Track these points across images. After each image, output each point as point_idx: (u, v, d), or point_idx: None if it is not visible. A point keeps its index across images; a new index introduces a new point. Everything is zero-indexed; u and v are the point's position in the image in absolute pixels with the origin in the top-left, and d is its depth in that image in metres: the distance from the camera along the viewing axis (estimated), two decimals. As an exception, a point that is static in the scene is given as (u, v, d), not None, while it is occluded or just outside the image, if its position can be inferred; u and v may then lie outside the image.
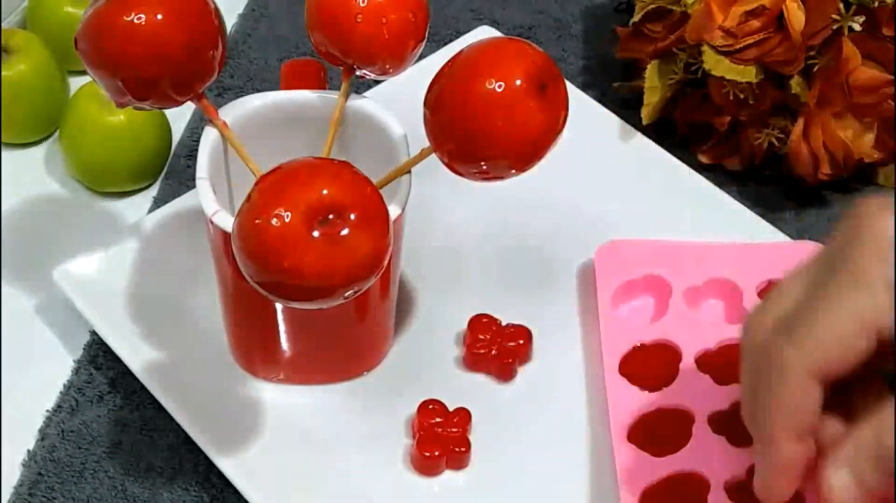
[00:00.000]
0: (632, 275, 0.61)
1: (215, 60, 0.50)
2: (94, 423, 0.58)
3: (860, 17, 0.63)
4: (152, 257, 0.62)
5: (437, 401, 0.57)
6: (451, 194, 0.64)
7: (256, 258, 0.43)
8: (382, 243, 0.44)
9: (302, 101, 0.55)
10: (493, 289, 0.63)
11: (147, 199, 0.69)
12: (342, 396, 0.58)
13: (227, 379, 0.58)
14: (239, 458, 0.55)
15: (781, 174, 0.69)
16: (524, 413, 0.58)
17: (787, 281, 0.46)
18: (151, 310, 0.60)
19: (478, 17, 0.79)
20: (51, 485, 0.56)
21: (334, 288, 0.43)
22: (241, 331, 0.58)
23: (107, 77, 0.49)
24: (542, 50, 0.48)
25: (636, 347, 0.58)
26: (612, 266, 0.61)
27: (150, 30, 0.48)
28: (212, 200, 0.50)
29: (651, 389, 0.57)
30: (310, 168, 0.44)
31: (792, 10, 0.63)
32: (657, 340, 0.59)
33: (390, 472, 0.56)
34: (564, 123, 0.49)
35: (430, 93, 0.49)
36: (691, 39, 0.66)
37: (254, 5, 0.80)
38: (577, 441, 0.57)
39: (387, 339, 0.60)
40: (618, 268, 0.61)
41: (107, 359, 0.60)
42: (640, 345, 0.58)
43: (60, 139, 0.68)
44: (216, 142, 0.53)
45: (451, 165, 0.49)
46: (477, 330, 0.60)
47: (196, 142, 0.64)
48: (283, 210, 0.42)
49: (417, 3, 0.52)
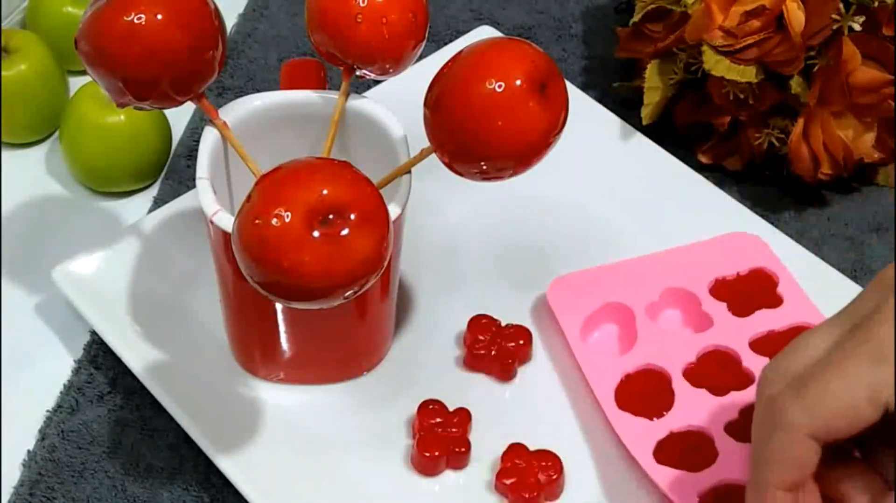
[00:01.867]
0: (592, 307, 0.60)
1: (215, 60, 0.50)
2: (94, 423, 0.58)
3: (860, 17, 0.63)
4: (152, 257, 0.62)
5: (437, 401, 0.57)
6: (451, 194, 0.64)
7: (256, 258, 0.43)
8: (382, 243, 0.44)
9: (302, 101, 0.55)
10: (493, 290, 0.63)
11: (147, 199, 0.69)
12: (342, 396, 0.58)
13: (227, 379, 0.58)
14: (239, 458, 0.55)
15: (781, 174, 0.69)
16: (524, 413, 0.58)
17: (809, 335, 0.46)
18: (151, 310, 0.60)
19: (478, 17, 0.79)
20: (51, 485, 0.56)
21: (334, 288, 0.43)
22: (241, 331, 0.58)
23: (107, 77, 0.49)
24: (542, 50, 0.48)
25: (623, 380, 0.58)
26: (568, 303, 0.60)
27: (150, 30, 0.48)
28: (212, 200, 0.50)
29: (655, 416, 0.56)
30: (310, 168, 0.44)
31: (792, 10, 0.63)
32: (641, 367, 0.58)
33: (390, 472, 0.56)
34: (564, 123, 0.49)
35: (430, 93, 0.49)
36: (691, 39, 0.66)
37: (254, 5, 0.80)
38: (576, 441, 0.57)
39: (387, 339, 0.60)
40: (575, 303, 0.60)
41: (107, 359, 0.60)
42: (626, 376, 0.58)
43: (60, 139, 0.68)
44: (216, 142, 0.53)
45: (451, 165, 0.49)
46: (477, 330, 0.60)
47: (196, 142, 0.64)
48: (283, 210, 0.42)
49: (417, 3, 0.52)
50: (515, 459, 0.55)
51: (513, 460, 0.55)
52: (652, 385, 0.57)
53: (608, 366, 0.58)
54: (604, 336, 0.60)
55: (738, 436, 0.55)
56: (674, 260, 0.62)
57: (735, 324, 0.59)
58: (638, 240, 0.64)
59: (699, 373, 0.58)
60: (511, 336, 0.60)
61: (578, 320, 0.60)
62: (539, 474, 0.55)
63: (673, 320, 0.61)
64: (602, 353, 0.59)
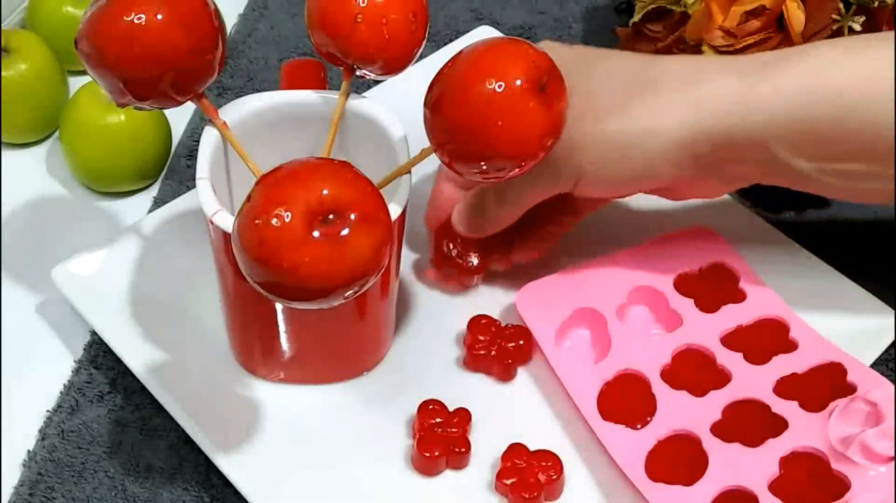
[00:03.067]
0: (562, 314, 0.60)
1: (215, 61, 0.50)
2: (94, 423, 0.58)
3: (860, 17, 0.63)
4: (152, 257, 0.62)
5: (437, 401, 0.57)
6: (451, 194, 0.64)
7: (256, 258, 0.43)
8: (382, 243, 0.44)
9: (302, 101, 0.55)
10: (493, 290, 0.63)
11: (147, 199, 0.69)
12: (342, 396, 0.58)
13: (227, 379, 0.58)
14: (239, 458, 0.55)
15: (781, 174, 0.69)
16: (524, 413, 0.58)
17: None
18: (151, 310, 0.60)
19: (478, 17, 0.79)
20: (51, 485, 0.56)
21: (334, 288, 0.43)
22: (241, 331, 0.58)
23: (107, 77, 0.49)
24: (542, 50, 0.48)
25: (603, 389, 0.57)
26: (539, 313, 0.60)
27: (150, 30, 0.48)
28: (212, 200, 0.50)
29: (639, 424, 0.56)
30: (310, 168, 0.44)
31: (792, 10, 0.63)
32: (619, 373, 0.58)
33: (390, 472, 0.56)
34: (564, 123, 0.49)
35: (430, 93, 0.49)
36: (691, 39, 0.66)
37: (254, 5, 0.80)
38: (576, 441, 0.57)
39: (387, 339, 0.60)
40: (545, 312, 0.60)
41: (107, 359, 0.60)
42: (605, 385, 0.57)
43: (60, 139, 0.68)
44: (216, 142, 0.53)
45: (451, 165, 0.49)
46: (476, 331, 0.60)
47: (196, 142, 0.64)
48: (283, 210, 0.42)
49: (417, 3, 0.52)
50: (515, 459, 0.55)
51: (513, 460, 0.55)
52: (632, 391, 0.57)
53: (586, 375, 0.58)
54: (577, 342, 0.60)
55: (725, 437, 0.55)
56: (637, 258, 0.62)
57: (704, 321, 0.59)
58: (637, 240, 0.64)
59: (676, 374, 0.58)
60: (511, 336, 0.60)
61: (551, 330, 0.59)
62: (539, 474, 0.55)
63: (643, 318, 0.61)
64: (578, 362, 0.59)
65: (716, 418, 0.56)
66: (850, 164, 0.52)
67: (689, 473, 0.54)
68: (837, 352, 0.57)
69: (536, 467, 0.55)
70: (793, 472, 0.53)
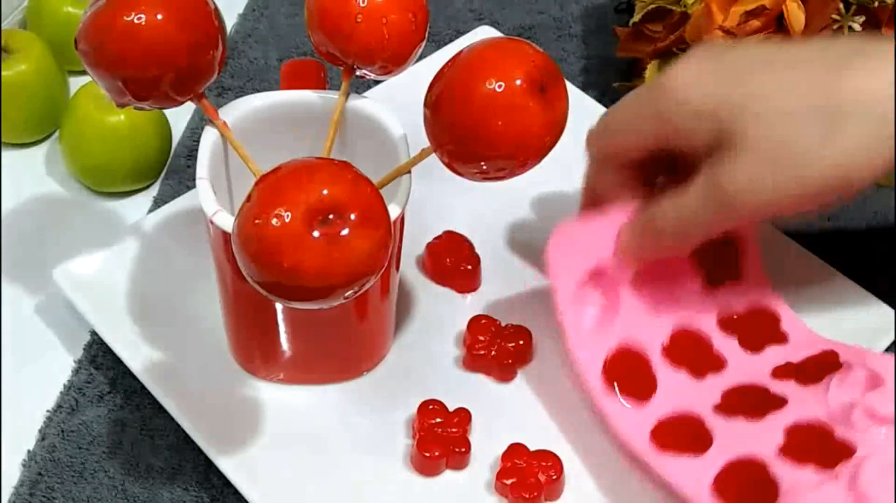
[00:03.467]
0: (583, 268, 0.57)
1: (215, 60, 0.50)
2: (94, 423, 0.58)
3: (860, 17, 0.63)
4: (152, 257, 0.62)
5: (437, 401, 0.57)
6: (451, 194, 0.64)
7: (256, 258, 0.43)
8: (382, 243, 0.44)
9: (302, 101, 0.55)
10: (493, 290, 0.63)
11: (147, 199, 0.69)
12: (342, 396, 0.59)
13: (227, 379, 0.58)
14: (239, 458, 0.55)
15: (781, 174, 0.69)
16: (524, 413, 0.58)
17: None
18: (151, 310, 0.60)
19: (478, 17, 0.79)
20: (51, 485, 0.56)
21: (334, 288, 0.43)
22: (241, 331, 0.58)
23: (107, 77, 0.49)
24: (542, 50, 0.48)
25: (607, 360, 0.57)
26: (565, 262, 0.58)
27: (150, 30, 0.48)
28: (212, 200, 0.50)
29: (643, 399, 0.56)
30: (310, 168, 0.44)
31: (792, 10, 0.63)
32: (621, 346, 0.57)
33: (390, 472, 0.56)
34: (564, 123, 0.49)
35: (430, 93, 0.49)
36: (691, 39, 0.66)
37: (254, 5, 0.80)
38: (576, 441, 0.57)
39: (387, 339, 0.60)
40: (570, 262, 0.58)
41: (107, 359, 0.60)
42: (609, 356, 0.57)
43: (60, 139, 0.68)
44: (216, 142, 0.53)
45: (451, 165, 0.49)
46: (476, 331, 0.60)
47: (196, 142, 0.64)
48: (283, 210, 0.42)
49: (417, 3, 0.52)
50: (515, 459, 0.55)
51: (513, 460, 0.55)
52: (633, 366, 0.57)
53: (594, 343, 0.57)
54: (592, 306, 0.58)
55: (729, 413, 0.55)
56: None
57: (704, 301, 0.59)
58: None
59: (676, 352, 0.57)
60: (511, 336, 0.60)
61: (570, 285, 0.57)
62: (539, 474, 0.55)
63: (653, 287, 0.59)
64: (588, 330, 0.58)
65: (716, 401, 0.56)
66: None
67: (695, 447, 0.54)
68: (828, 343, 0.58)
69: (536, 467, 0.55)
70: (799, 439, 0.53)
